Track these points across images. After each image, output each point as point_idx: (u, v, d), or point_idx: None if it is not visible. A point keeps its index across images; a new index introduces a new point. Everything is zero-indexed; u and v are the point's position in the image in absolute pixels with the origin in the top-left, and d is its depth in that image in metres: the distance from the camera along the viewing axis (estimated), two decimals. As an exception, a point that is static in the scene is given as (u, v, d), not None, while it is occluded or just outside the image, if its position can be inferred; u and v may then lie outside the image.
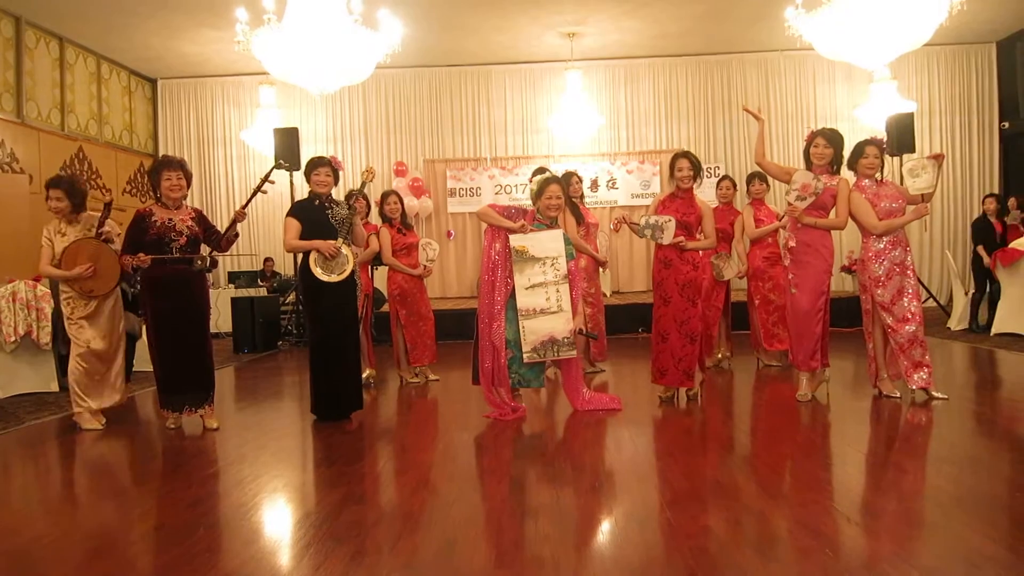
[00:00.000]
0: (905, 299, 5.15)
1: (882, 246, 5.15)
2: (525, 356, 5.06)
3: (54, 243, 5.19)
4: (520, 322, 5.06)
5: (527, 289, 5.06)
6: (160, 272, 4.98)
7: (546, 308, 5.05)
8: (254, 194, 5.31)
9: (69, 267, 5.13)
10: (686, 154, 5.37)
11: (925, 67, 12.85)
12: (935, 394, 5.13)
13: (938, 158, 5.20)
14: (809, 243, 5.25)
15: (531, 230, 5.13)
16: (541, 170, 6.09)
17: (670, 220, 5.19)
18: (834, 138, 5.30)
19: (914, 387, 5.14)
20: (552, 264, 5.07)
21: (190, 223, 5.11)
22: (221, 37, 10.74)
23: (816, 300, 5.24)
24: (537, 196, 5.22)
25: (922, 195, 5.17)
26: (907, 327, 5.12)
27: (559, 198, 5.20)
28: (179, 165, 5.15)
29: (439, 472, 4.10)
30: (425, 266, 6.78)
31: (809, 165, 5.32)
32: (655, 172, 12.95)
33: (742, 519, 3.10)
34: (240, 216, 5.22)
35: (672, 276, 5.26)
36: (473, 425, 5.02)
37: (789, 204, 5.25)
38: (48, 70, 10.66)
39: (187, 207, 5.21)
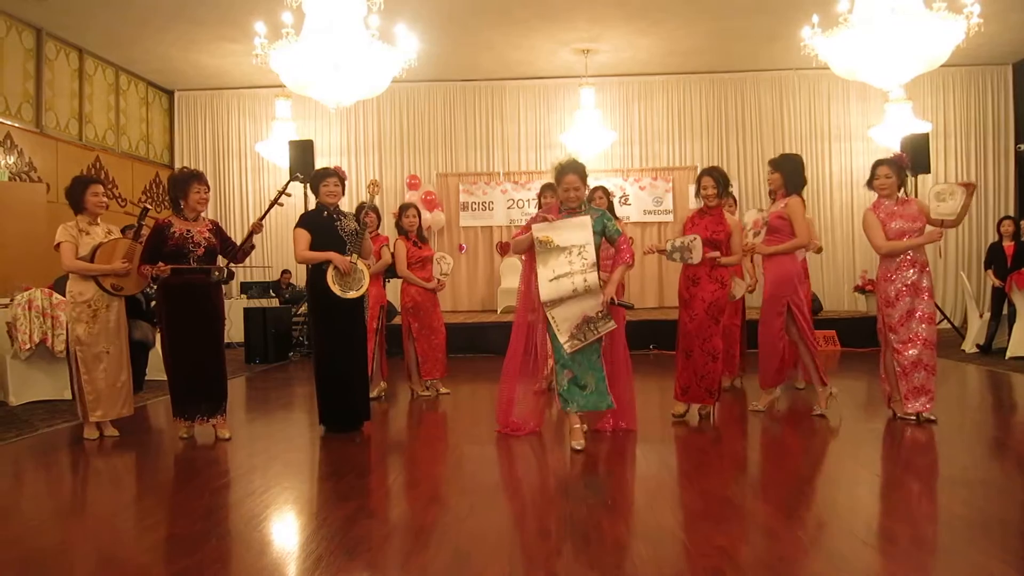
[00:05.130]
0: (914, 322, 5.07)
1: (894, 266, 5.11)
2: (566, 346, 4.66)
3: (79, 241, 5.15)
4: (548, 313, 4.68)
5: (550, 281, 4.65)
6: (178, 282, 5.03)
7: (573, 294, 4.63)
8: (271, 206, 5.35)
9: (104, 263, 5.12)
10: (710, 171, 5.37)
11: (941, 88, 12.83)
12: (928, 416, 5.07)
13: (969, 187, 5.00)
14: (775, 267, 5.42)
15: (555, 218, 4.78)
16: (549, 186, 6.09)
17: (695, 238, 5.16)
18: (780, 163, 5.54)
19: (910, 412, 5.07)
20: (579, 253, 4.65)
21: (208, 235, 5.16)
22: (238, 50, 10.84)
23: (779, 319, 5.40)
24: (557, 187, 4.93)
25: (943, 220, 5.04)
26: (910, 350, 5.04)
27: (577, 189, 4.82)
28: (205, 179, 5.26)
29: (450, 487, 4.10)
30: (439, 280, 6.77)
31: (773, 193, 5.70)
32: (668, 189, 12.95)
33: (756, 540, 3.08)
34: (257, 228, 5.27)
35: (700, 294, 5.24)
36: (484, 439, 5.01)
37: (749, 244, 5.74)
38: (67, 81, 10.79)
39: (204, 219, 5.27)
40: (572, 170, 4.83)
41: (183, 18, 9.98)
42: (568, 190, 4.80)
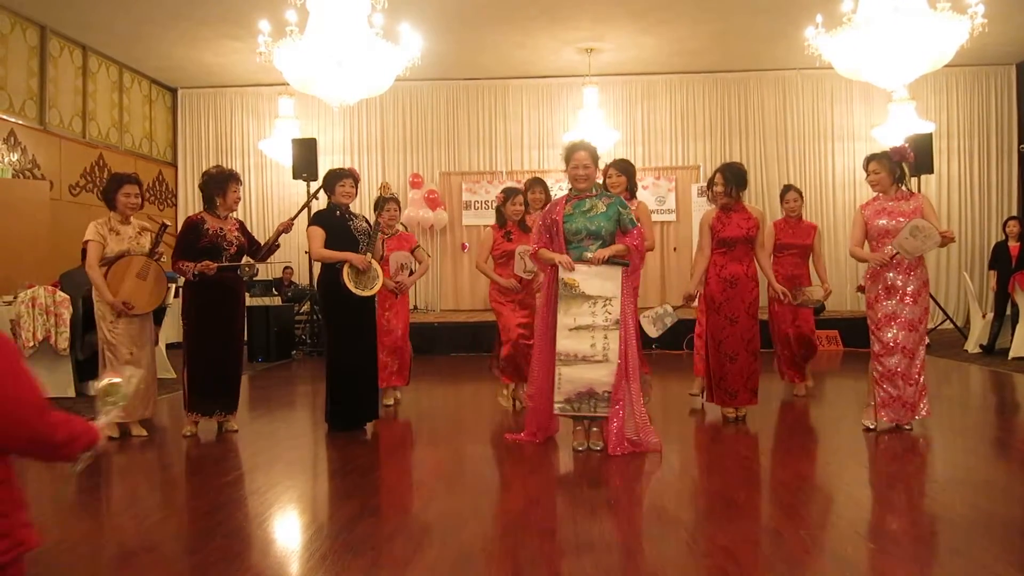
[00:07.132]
0: (894, 327, 4.84)
1: (877, 266, 4.89)
2: (556, 407, 4.51)
3: (107, 241, 5.09)
4: (557, 368, 4.46)
5: (571, 331, 4.43)
6: (209, 279, 5.04)
7: (589, 355, 4.41)
8: (302, 208, 5.47)
9: (117, 279, 5.04)
10: (722, 168, 5.34)
11: (944, 88, 12.80)
12: (904, 427, 4.89)
13: (946, 239, 4.73)
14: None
15: (578, 264, 4.43)
16: (537, 181, 6.04)
17: (674, 315, 5.32)
18: (624, 167, 5.56)
19: (869, 423, 4.91)
20: (604, 306, 4.42)
21: (237, 233, 5.24)
22: (242, 48, 10.82)
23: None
24: (566, 166, 4.62)
25: (896, 252, 4.73)
26: (888, 358, 4.84)
27: (587, 167, 4.54)
28: (240, 179, 5.32)
29: (455, 486, 4.10)
30: (521, 278, 5.77)
31: None
32: (671, 188, 12.93)
33: (760, 540, 3.08)
34: (287, 228, 5.36)
35: (739, 295, 5.21)
36: (489, 439, 5.02)
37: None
38: (71, 78, 10.79)
39: (231, 218, 5.31)
40: (583, 147, 4.61)
41: (187, 16, 9.98)
42: (578, 167, 4.55)
